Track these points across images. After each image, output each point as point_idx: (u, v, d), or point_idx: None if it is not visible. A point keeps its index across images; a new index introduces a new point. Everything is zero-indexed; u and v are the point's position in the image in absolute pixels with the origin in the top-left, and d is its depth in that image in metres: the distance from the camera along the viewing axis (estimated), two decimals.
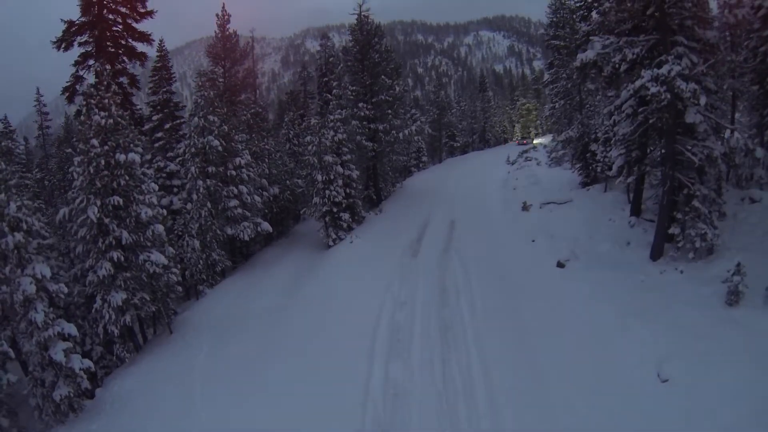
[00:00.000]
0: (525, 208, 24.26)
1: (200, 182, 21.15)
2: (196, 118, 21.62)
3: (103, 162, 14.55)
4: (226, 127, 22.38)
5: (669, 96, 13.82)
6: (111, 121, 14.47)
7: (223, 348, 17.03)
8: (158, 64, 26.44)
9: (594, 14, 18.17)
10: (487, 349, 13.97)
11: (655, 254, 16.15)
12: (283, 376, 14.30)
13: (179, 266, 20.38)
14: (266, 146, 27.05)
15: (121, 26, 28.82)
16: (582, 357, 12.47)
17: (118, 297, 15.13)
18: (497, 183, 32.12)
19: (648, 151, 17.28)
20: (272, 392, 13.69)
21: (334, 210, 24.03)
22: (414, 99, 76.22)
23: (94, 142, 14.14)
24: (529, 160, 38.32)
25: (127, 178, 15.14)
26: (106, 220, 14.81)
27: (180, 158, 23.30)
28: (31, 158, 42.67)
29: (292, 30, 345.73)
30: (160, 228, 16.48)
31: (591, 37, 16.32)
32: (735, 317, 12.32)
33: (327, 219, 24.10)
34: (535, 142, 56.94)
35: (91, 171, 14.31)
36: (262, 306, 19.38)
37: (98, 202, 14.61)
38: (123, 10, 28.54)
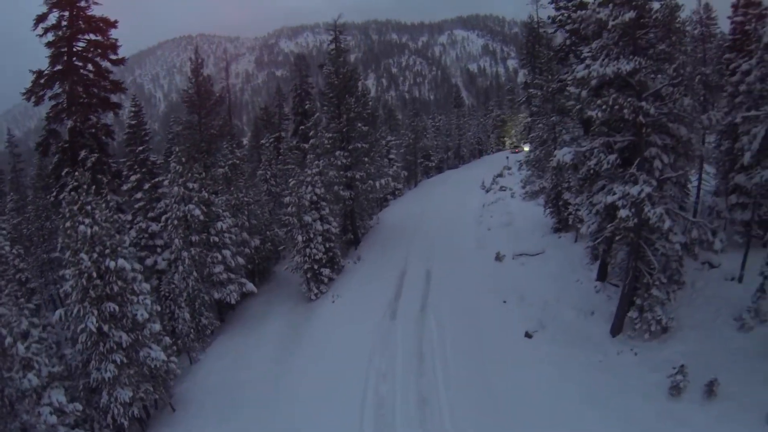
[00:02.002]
0: (498, 258, 25.15)
1: (185, 253, 21.65)
2: (175, 187, 21.99)
3: (94, 273, 14.96)
4: (206, 194, 22.78)
5: (637, 220, 14.96)
6: (96, 228, 14.85)
7: (224, 426, 17.78)
8: (133, 122, 26.48)
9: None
10: (460, 424, 15.29)
11: (615, 330, 17.32)
12: None
13: (170, 330, 21.10)
14: (245, 198, 27.44)
15: (92, 74, 28.81)
16: None
17: (125, 394, 15.76)
18: (471, 220, 32.93)
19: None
20: None
21: (315, 267, 24.72)
22: (390, 114, 76.77)
23: (83, 256, 14.53)
24: (504, 190, 39.13)
25: (120, 283, 15.57)
26: (105, 327, 15.30)
27: (162, 224, 23.58)
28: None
29: (266, 30, 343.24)
30: (157, 327, 17.06)
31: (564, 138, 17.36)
32: (675, 411, 13.66)
33: (308, 275, 24.79)
34: (525, 149, 58.30)
35: (84, 283, 14.73)
36: (255, 375, 20.13)
37: (95, 311, 15.12)
38: (94, 57, 28.49)
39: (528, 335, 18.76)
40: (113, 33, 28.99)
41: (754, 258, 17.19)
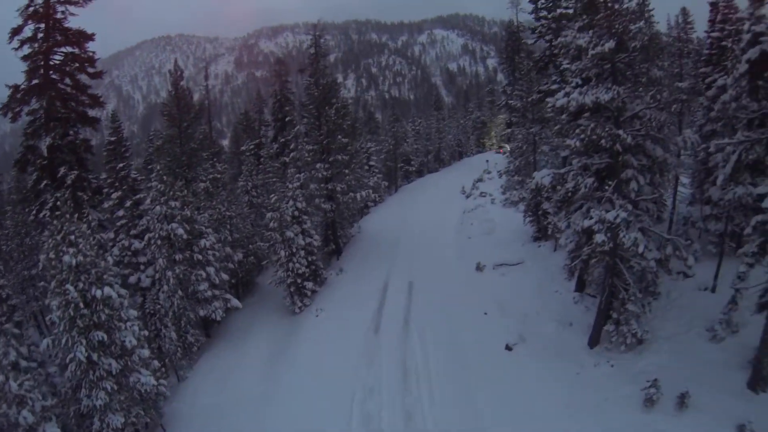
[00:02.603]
0: (479, 268, 25.62)
1: (169, 272, 21.72)
2: (158, 206, 22.04)
3: (81, 303, 15.05)
4: (188, 212, 22.85)
5: (612, 244, 15.57)
6: (81, 257, 14.93)
7: None
8: (112, 138, 26.30)
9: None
10: None
11: (593, 342, 17.98)
12: None
13: (157, 348, 21.25)
14: (228, 212, 27.53)
15: (70, 88, 28.58)
16: None
17: (117, 420, 15.81)
18: (452, 228, 33.30)
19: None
20: None
21: (298, 281, 24.99)
22: (371, 117, 77.13)
23: (69, 287, 14.61)
24: (484, 196, 39.61)
25: (107, 311, 15.68)
26: (94, 356, 15.39)
27: (145, 242, 23.54)
28: None
29: (245, 30, 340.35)
30: (146, 352, 17.19)
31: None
32: (650, 423, 14.29)
33: (292, 289, 25.06)
34: (509, 148, 59.01)
35: (71, 313, 14.80)
36: (243, 394, 20.35)
37: (83, 341, 15.16)
38: (71, 70, 28.23)
39: (508, 348, 19.24)
40: (90, 45, 28.95)
41: (728, 267, 17.94)
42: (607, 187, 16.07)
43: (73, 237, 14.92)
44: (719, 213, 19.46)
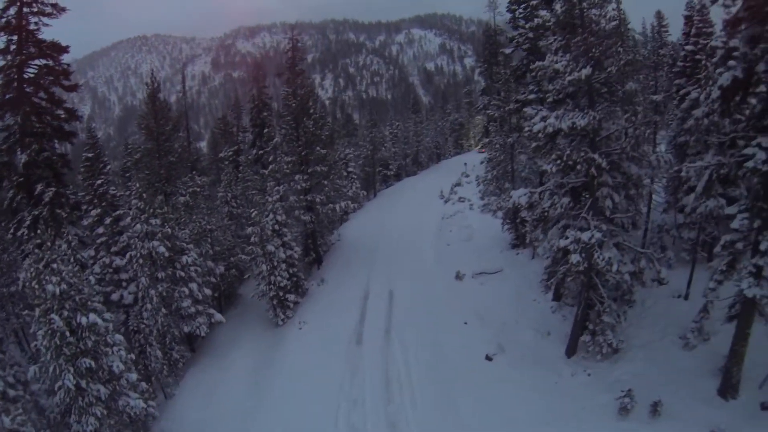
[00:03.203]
0: (459, 277, 26.10)
1: (152, 291, 21.79)
2: (138, 225, 22.06)
3: (67, 332, 15.10)
4: (169, 229, 22.93)
5: (587, 264, 16.19)
6: (64, 285, 15.00)
7: None
8: (89, 154, 26.07)
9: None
10: None
11: (570, 351, 18.60)
12: None
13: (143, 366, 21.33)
14: (208, 225, 27.63)
15: (45, 101, 28.28)
16: None
17: None
18: (431, 235, 33.58)
19: None
20: None
21: (280, 294, 25.28)
22: (349, 119, 77.35)
23: (54, 317, 14.67)
24: (462, 201, 40.12)
25: (93, 337, 15.75)
26: (83, 383, 15.47)
27: (126, 260, 23.51)
28: None
29: (222, 30, 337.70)
30: (133, 376, 17.30)
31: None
32: (624, 431, 14.90)
33: (274, 302, 25.34)
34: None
35: (57, 342, 14.84)
36: (229, 409, 20.59)
37: (71, 368, 15.21)
38: (46, 83, 27.89)
39: (488, 358, 19.74)
40: (64, 57, 28.63)
41: (701, 273, 18.57)
42: (582, 206, 16.64)
43: (55, 265, 14.97)
44: (692, 222, 20.21)
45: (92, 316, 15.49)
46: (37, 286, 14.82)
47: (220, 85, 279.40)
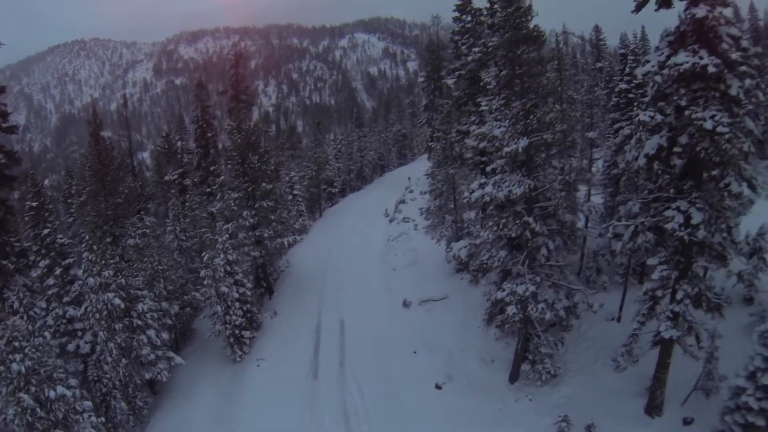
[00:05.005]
0: (406, 304, 27.60)
1: (111, 344, 22.24)
2: (90, 279, 22.52)
3: (38, 408, 15.50)
4: (123, 280, 23.53)
5: (522, 315, 17.98)
6: (28, 362, 15.39)
7: None
8: (34, 203, 26.01)
9: None
10: None
11: (513, 378, 20.57)
12: None
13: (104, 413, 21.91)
14: (160, 266, 28.24)
15: None
16: None
17: None
18: (378, 259, 34.73)
19: None
20: None
21: (236, 332, 26.25)
22: (292, 131, 77.84)
23: (23, 396, 15.05)
24: (407, 221, 41.41)
25: (63, 407, 16.19)
26: None
27: (82, 312, 23.72)
28: None
29: (163, 34, 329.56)
30: None
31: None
32: None
33: (231, 340, 26.29)
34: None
35: (29, 419, 15.23)
36: None
37: None
38: None
39: (438, 387, 21.41)
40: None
41: (632, 296, 20.44)
42: (519, 255, 18.33)
43: (17, 343, 15.46)
44: (622, 252, 22.50)
45: (60, 389, 16.03)
46: (3, 368, 15.29)
47: (162, 93, 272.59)
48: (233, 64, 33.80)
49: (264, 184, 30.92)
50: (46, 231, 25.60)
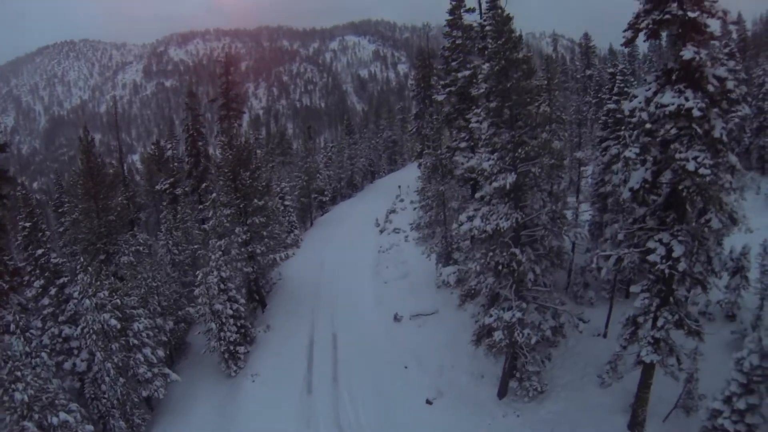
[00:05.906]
0: (397, 319, 28.07)
1: (108, 364, 22.55)
2: (86, 300, 22.80)
3: None
4: (119, 300, 23.83)
5: (509, 341, 18.58)
6: (31, 390, 15.69)
7: None
8: (27, 223, 26.22)
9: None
10: None
11: (501, 394, 21.10)
12: None
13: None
14: (153, 282, 28.54)
15: None
16: None
17: None
18: (369, 271, 35.18)
19: None
20: None
21: (231, 347, 26.64)
22: (283, 137, 77.99)
23: (27, 424, 15.37)
24: (398, 232, 41.96)
25: None
26: None
27: (78, 331, 23.95)
28: None
29: (154, 36, 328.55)
30: None
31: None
32: None
33: (226, 356, 26.69)
34: None
35: None
36: None
37: None
38: None
39: (429, 402, 21.92)
40: None
41: (619, 312, 21.10)
42: (505, 283, 18.87)
43: (19, 373, 15.81)
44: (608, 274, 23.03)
45: (62, 415, 16.44)
46: (5, 396, 15.60)
47: (152, 95, 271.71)
48: (224, 72, 33.80)
49: (255, 200, 31.19)
50: (40, 251, 25.76)
